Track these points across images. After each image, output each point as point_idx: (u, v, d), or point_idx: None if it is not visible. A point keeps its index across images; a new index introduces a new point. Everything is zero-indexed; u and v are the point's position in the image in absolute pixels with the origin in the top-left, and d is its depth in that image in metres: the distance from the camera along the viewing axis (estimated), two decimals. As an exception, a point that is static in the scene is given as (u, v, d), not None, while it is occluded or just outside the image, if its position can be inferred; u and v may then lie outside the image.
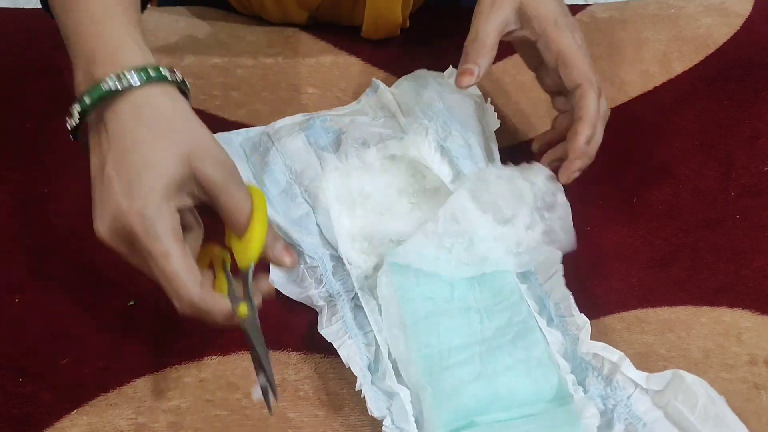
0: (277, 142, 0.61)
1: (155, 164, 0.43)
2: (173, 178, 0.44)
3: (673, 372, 0.48)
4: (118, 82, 0.44)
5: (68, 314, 0.56)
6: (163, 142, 0.44)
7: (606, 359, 0.49)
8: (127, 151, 0.44)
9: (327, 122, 0.62)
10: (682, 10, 0.77)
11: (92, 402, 0.52)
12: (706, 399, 0.46)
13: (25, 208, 0.62)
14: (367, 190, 0.59)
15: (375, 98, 0.65)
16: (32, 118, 0.68)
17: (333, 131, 0.61)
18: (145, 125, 0.44)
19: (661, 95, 0.70)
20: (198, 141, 0.45)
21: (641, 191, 0.62)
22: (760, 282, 0.57)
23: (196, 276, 0.43)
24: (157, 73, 0.45)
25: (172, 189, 0.44)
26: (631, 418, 0.47)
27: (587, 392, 0.49)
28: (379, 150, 0.60)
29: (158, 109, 0.45)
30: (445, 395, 0.48)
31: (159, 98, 0.45)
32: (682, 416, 0.46)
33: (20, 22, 0.77)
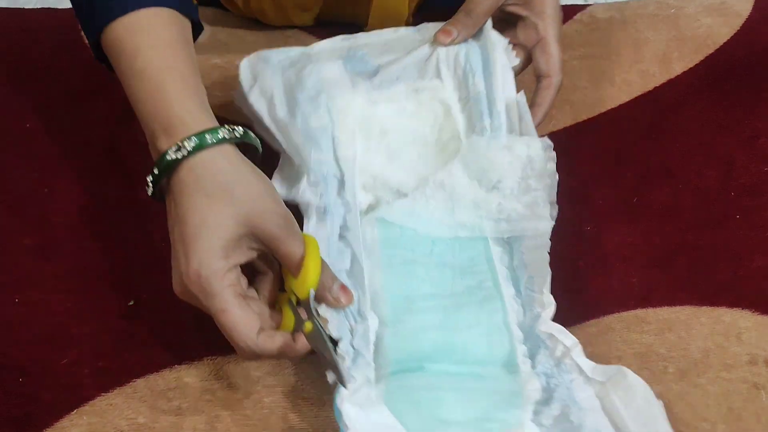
0: (315, 62, 0.62)
1: (211, 226, 0.47)
2: (230, 238, 0.47)
3: (618, 368, 0.48)
4: (177, 152, 0.47)
5: (68, 314, 0.56)
6: (219, 206, 0.47)
7: (561, 342, 0.51)
8: (187, 216, 0.47)
9: (367, 56, 0.63)
10: (682, 10, 0.77)
11: (92, 402, 0.52)
12: (643, 400, 0.47)
13: (25, 208, 0.62)
14: (386, 127, 0.61)
15: (418, 34, 0.65)
16: (32, 118, 0.68)
17: (371, 64, 0.62)
18: (202, 190, 0.47)
19: (661, 95, 0.70)
20: (255, 199, 0.48)
21: (641, 191, 0.62)
22: (760, 282, 0.57)
23: (252, 326, 0.46)
24: (213, 137, 0.48)
25: (230, 247, 0.47)
26: (569, 401, 0.48)
27: (535, 368, 0.50)
28: (408, 87, 0.61)
29: (215, 174, 0.48)
30: (405, 336, 0.50)
31: (217, 162, 0.48)
32: (616, 410, 0.47)
33: (20, 22, 0.77)
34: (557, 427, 0.47)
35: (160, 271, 0.58)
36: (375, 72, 0.62)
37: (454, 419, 0.46)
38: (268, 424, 0.51)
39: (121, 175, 0.64)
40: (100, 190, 0.63)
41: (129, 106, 0.69)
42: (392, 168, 0.60)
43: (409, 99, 0.62)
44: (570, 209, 0.60)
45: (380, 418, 0.45)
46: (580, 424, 0.46)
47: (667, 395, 0.51)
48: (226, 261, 0.47)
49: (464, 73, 0.62)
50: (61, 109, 0.69)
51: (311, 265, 0.48)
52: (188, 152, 0.47)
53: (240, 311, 0.46)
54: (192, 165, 0.47)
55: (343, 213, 0.55)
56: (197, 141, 0.47)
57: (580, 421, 0.46)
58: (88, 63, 0.72)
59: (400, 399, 0.47)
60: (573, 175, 0.63)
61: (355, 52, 0.63)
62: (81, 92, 0.70)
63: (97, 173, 0.64)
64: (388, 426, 0.45)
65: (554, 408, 0.48)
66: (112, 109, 0.69)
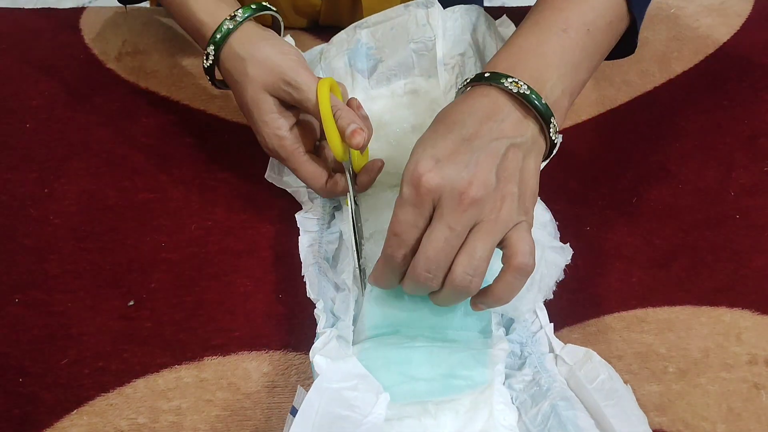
0: (324, 62, 0.66)
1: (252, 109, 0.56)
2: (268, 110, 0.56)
3: (586, 351, 0.50)
4: (206, 60, 0.58)
5: (68, 314, 0.56)
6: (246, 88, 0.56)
7: (538, 318, 0.53)
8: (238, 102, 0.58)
9: (372, 50, 0.66)
10: (682, 10, 0.77)
11: (92, 402, 0.52)
12: (606, 376, 0.48)
13: (25, 208, 0.62)
14: (385, 119, 0.64)
15: (422, 13, 0.66)
16: (32, 118, 0.68)
17: (373, 59, 0.66)
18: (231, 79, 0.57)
19: (661, 95, 0.70)
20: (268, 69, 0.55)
21: (641, 191, 0.62)
22: (760, 282, 0.57)
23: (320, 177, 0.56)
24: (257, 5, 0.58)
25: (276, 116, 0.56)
26: (540, 368, 0.50)
27: (509, 334, 0.52)
28: (407, 84, 0.65)
29: (234, 61, 0.56)
30: (382, 301, 0.52)
31: (232, 51, 0.56)
32: (581, 386, 0.48)
33: (20, 22, 0.77)
34: (527, 391, 0.49)
35: (160, 271, 0.58)
36: (374, 68, 0.65)
37: (421, 376, 0.48)
38: (268, 424, 0.51)
39: (121, 175, 0.64)
40: (100, 190, 0.63)
41: (129, 106, 0.69)
42: (392, 153, 0.62)
43: (406, 95, 0.65)
44: (570, 209, 0.60)
45: (350, 368, 0.47)
46: (548, 388, 0.48)
47: (667, 395, 0.51)
48: (280, 130, 0.56)
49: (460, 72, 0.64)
50: (61, 109, 0.69)
51: (331, 138, 0.53)
52: (213, 56, 0.57)
53: (308, 167, 0.56)
54: (222, 58, 0.57)
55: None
56: (213, 43, 0.57)
57: (549, 386, 0.48)
58: (88, 63, 0.73)
59: (372, 356, 0.49)
60: (573, 175, 0.63)
61: (359, 45, 0.65)
62: (81, 92, 0.70)
63: (97, 173, 0.64)
64: (357, 375, 0.46)
65: (526, 373, 0.50)
66: (112, 109, 0.69)
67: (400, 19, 0.65)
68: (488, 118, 0.47)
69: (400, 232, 0.46)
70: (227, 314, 0.56)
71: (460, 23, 0.66)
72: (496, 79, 0.48)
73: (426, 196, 0.44)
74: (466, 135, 0.46)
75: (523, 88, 0.47)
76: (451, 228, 0.44)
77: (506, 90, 0.47)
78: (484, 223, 0.44)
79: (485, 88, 0.48)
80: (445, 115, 0.48)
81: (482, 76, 0.49)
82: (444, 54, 0.65)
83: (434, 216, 0.45)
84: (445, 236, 0.44)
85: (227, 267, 0.58)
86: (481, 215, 0.44)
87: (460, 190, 0.44)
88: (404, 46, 0.65)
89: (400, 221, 0.46)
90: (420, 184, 0.44)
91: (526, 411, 0.48)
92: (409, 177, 0.45)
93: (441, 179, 0.44)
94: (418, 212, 0.45)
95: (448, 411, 0.48)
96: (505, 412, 0.48)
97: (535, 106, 0.47)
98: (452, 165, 0.45)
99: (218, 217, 0.61)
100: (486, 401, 0.48)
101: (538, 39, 0.50)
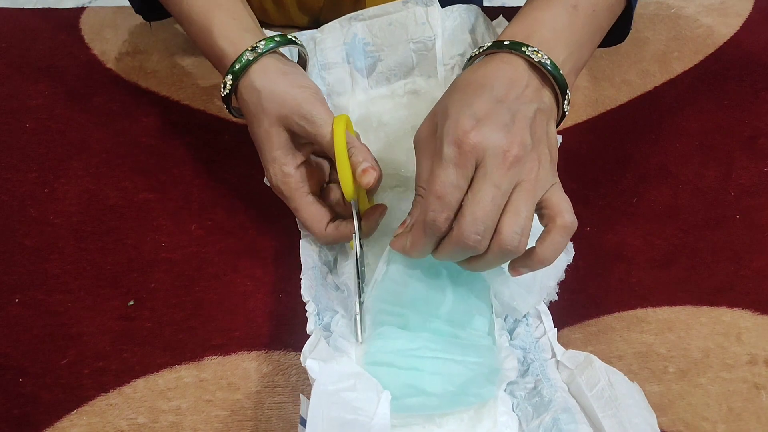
0: (320, 54, 0.65)
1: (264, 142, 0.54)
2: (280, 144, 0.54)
3: (586, 355, 0.50)
4: (223, 89, 0.55)
5: (68, 314, 0.56)
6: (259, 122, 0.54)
7: (542, 324, 0.53)
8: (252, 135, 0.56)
9: (369, 47, 0.65)
10: (682, 10, 0.77)
11: (92, 402, 0.52)
12: (606, 383, 0.48)
13: (25, 208, 0.62)
14: (385, 119, 0.64)
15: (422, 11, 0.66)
16: (32, 118, 0.68)
17: (372, 57, 0.65)
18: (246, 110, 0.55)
19: (661, 95, 0.70)
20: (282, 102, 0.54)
21: (641, 191, 0.62)
22: (760, 282, 0.57)
23: (320, 220, 0.54)
24: (282, 39, 0.56)
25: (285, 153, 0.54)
26: (542, 376, 0.50)
27: (514, 340, 0.52)
28: (407, 84, 0.65)
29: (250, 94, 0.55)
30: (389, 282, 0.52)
31: (250, 83, 0.54)
32: (581, 391, 0.48)
33: (20, 22, 0.77)
34: (529, 400, 0.49)
35: (160, 271, 0.58)
36: (373, 67, 0.65)
37: (432, 390, 0.48)
38: (268, 424, 0.51)
39: (121, 175, 0.64)
40: (100, 190, 0.63)
41: (129, 106, 0.69)
42: (392, 151, 0.62)
43: (406, 95, 0.65)
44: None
45: (344, 368, 0.46)
46: (550, 399, 0.48)
47: (667, 395, 0.51)
48: (287, 167, 0.54)
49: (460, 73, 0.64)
50: (61, 109, 0.69)
51: (343, 175, 0.51)
52: (230, 86, 0.55)
53: (310, 208, 0.54)
54: (240, 89, 0.55)
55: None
56: (268, 43, 0.55)
57: (551, 396, 0.48)
58: (88, 63, 0.73)
59: (380, 363, 0.49)
60: (573, 175, 0.63)
61: (355, 41, 0.65)
62: (81, 92, 0.70)
63: (97, 173, 0.64)
64: (353, 374, 0.46)
65: (528, 381, 0.50)
66: (112, 109, 0.69)
67: (399, 16, 0.65)
68: (513, 82, 0.47)
69: (444, 194, 0.44)
70: (227, 314, 0.56)
71: (458, 23, 0.66)
72: (517, 48, 0.48)
73: (470, 155, 0.43)
74: (498, 96, 0.46)
75: (544, 58, 0.48)
76: (497, 186, 0.43)
77: (526, 58, 0.48)
78: (525, 182, 0.44)
79: (506, 55, 0.48)
80: (469, 80, 0.48)
81: (501, 44, 0.49)
82: (443, 54, 0.65)
83: (477, 175, 0.44)
84: (492, 195, 0.43)
85: (227, 267, 0.58)
86: (522, 174, 0.44)
87: (504, 148, 0.43)
88: (403, 45, 0.65)
89: (443, 182, 0.44)
90: (463, 142, 0.43)
91: (528, 421, 0.48)
92: (452, 136, 0.44)
93: (484, 137, 0.43)
94: (461, 172, 0.44)
95: (452, 420, 0.48)
96: (508, 422, 0.48)
97: (553, 76, 0.48)
98: (492, 124, 0.44)
99: (218, 217, 0.61)
100: (490, 410, 0.48)
101: (551, 13, 0.51)
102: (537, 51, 0.48)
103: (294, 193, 0.54)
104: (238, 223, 0.61)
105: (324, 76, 0.65)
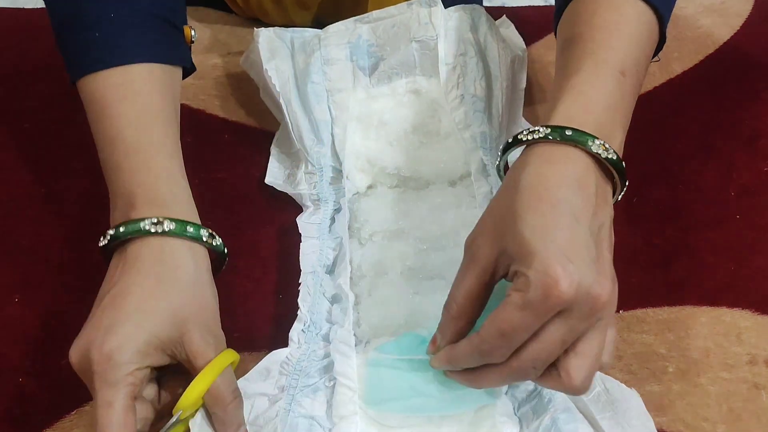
0: (324, 49, 0.65)
1: (147, 316, 0.44)
2: (159, 335, 0.44)
3: None
4: (156, 225, 0.46)
5: (68, 314, 0.56)
6: (166, 300, 0.45)
7: None
8: (129, 291, 0.45)
9: (372, 47, 0.66)
10: (682, 10, 0.77)
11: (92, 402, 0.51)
12: (602, 389, 0.48)
13: (25, 208, 0.62)
14: (385, 118, 0.64)
15: (425, 12, 0.66)
16: (32, 118, 0.68)
17: (375, 56, 0.66)
18: (157, 276, 0.45)
19: (661, 95, 0.69)
20: (200, 309, 0.46)
21: (641, 191, 0.62)
22: (760, 282, 0.57)
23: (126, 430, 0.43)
24: (195, 231, 0.47)
25: (152, 345, 0.44)
26: None
27: None
28: (408, 83, 0.66)
29: (177, 265, 0.46)
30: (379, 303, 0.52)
31: (185, 256, 0.47)
32: (578, 398, 0.48)
33: (20, 22, 0.77)
34: (529, 402, 0.49)
35: (160, 271, 0.58)
36: (375, 66, 0.65)
37: (432, 393, 0.48)
38: (268, 424, 0.51)
39: (121, 175, 0.64)
40: (100, 190, 0.63)
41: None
42: (392, 152, 0.62)
43: (407, 94, 0.65)
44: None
45: None
46: (549, 400, 0.48)
47: (667, 395, 0.51)
48: (143, 359, 0.44)
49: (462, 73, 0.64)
50: (61, 109, 0.69)
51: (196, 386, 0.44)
52: (164, 232, 0.46)
53: (123, 413, 0.42)
54: (161, 245, 0.46)
55: (335, 198, 0.59)
56: (179, 227, 0.46)
57: (550, 397, 0.48)
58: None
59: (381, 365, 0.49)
60: (573, 175, 0.63)
61: (360, 42, 0.65)
62: (81, 92, 0.70)
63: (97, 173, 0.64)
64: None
65: (528, 383, 0.49)
66: (112, 109, 0.69)
67: (402, 17, 0.65)
68: (583, 188, 0.42)
69: (510, 335, 0.40)
70: (227, 314, 0.56)
71: (461, 23, 0.66)
72: (582, 141, 0.43)
73: (558, 307, 0.39)
74: (576, 213, 0.41)
75: (611, 153, 0.44)
76: (573, 330, 0.40)
77: (592, 154, 0.43)
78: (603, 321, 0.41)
79: (570, 149, 0.43)
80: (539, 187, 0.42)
81: (563, 133, 0.43)
82: (445, 54, 0.65)
83: (558, 317, 0.40)
84: (563, 339, 0.40)
85: (227, 267, 0.58)
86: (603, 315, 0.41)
87: (596, 297, 0.39)
88: (406, 44, 0.65)
89: (514, 325, 0.40)
90: (553, 293, 0.38)
91: (528, 423, 0.48)
92: (540, 283, 0.39)
93: (577, 288, 0.39)
94: (540, 320, 0.39)
95: (451, 421, 0.48)
96: (507, 424, 0.47)
97: (619, 171, 0.44)
98: (581, 263, 0.39)
99: (218, 217, 0.61)
100: (489, 413, 0.48)
101: (602, 87, 0.46)
102: (603, 144, 0.43)
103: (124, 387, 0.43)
104: (237, 223, 0.61)
105: (326, 71, 0.64)
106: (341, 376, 0.49)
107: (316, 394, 0.49)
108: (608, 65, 0.47)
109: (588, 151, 0.43)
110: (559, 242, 0.39)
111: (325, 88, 0.64)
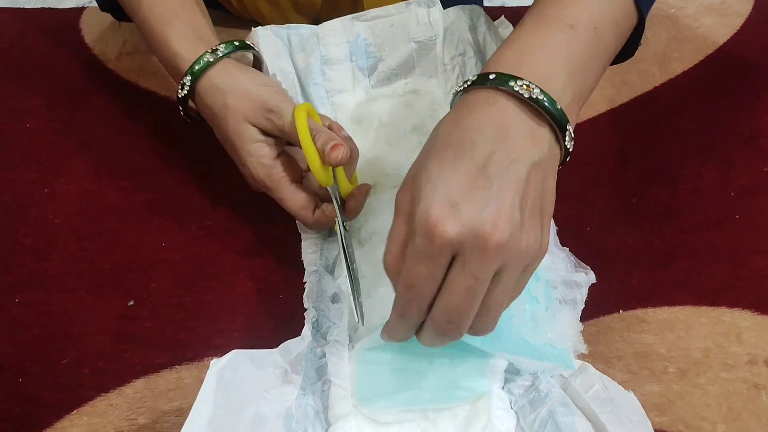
0: (323, 48, 0.65)
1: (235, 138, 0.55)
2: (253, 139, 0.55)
3: (582, 363, 0.50)
4: (182, 90, 0.57)
5: (68, 314, 0.56)
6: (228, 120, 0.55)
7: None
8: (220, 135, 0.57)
9: (371, 47, 0.66)
10: (682, 10, 0.77)
11: (92, 402, 0.52)
12: (601, 387, 0.48)
13: (25, 208, 0.62)
14: (385, 119, 0.64)
15: (424, 12, 0.66)
16: (32, 118, 0.68)
17: (374, 57, 0.66)
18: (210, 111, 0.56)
19: (661, 95, 0.69)
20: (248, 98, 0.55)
21: (641, 191, 0.62)
22: (760, 282, 0.57)
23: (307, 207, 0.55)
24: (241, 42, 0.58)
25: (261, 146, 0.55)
26: (539, 373, 0.50)
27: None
28: (407, 84, 0.66)
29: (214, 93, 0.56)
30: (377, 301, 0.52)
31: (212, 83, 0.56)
32: (577, 394, 0.48)
33: (20, 22, 0.77)
34: (526, 396, 0.49)
35: (160, 271, 0.58)
36: (374, 67, 0.65)
37: (424, 386, 0.48)
38: (268, 424, 0.51)
39: (121, 175, 0.64)
40: (100, 190, 0.63)
41: (129, 106, 0.69)
42: (391, 151, 0.62)
43: (407, 95, 0.65)
44: (570, 209, 0.60)
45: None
46: (547, 394, 0.48)
47: (667, 395, 0.51)
48: (265, 159, 0.54)
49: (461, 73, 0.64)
50: (61, 109, 0.69)
51: (311, 161, 0.52)
52: (189, 86, 0.56)
53: (295, 196, 0.55)
54: (199, 90, 0.56)
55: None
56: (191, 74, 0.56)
57: (548, 391, 0.48)
58: (88, 63, 0.73)
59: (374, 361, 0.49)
60: (573, 175, 0.63)
61: (358, 41, 0.65)
62: (81, 92, 0.70)
63: (97, 173, 0.64)
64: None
65: (525, 378, 0.50)
66: (112, 109, 0.69)
67: (401, 17, 0.65)
68: (500, 134, 0.40)
69: (414, 285, 0.40)
70: (227, 314, 0.56)
71: (460, 23, 0.66)
72: (503, 82, 0.42)
73: (444, 249, 0.39)
74: (479, 160, 0.40)
75: (536, 92, 0.41)
76: (475, 277, 0.39)
77: (515, 94, 0.41)
78: (509, 269, 0.40)
79: (490, 93, 0.42)
80: (449, 133, 0.42)
81: (486, 78, 0.42)
82: (444, 54, 0.65)
83: (454, 264, 0.39)
84: (466, 286, 0.39)
85: (227, 267, 0.58)
86: (507, 258, 0.39)
87: (485, 236, 0.38)
88: (405, 45, 0.65)
89: (413, 274, 0.40)
90: (435, 234, 0.38)
91: (525, 416, 0.48)
92: (423, 226, 0.39)
93: (461, 227, 0.38)
94: (435, 264, 0.39)
95: (447, 416, 0.48)
96: (503, 418, 0.48)
97: (549, 112, 0.41)
98: (471, 205, 0.38)
99: (218, 217, 0.61)
100: (484, 407, 0.48)
101: (543, 35, 0.45)
102: (527, 84, 0.41)
103: (277, 183, 0.55)
104: (238, 223, 0.61)
105: (325, 71, 0.65)
106: (334, 376, 0.49)
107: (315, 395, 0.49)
108: (552, 18, 0.46)
109: (511, 92, 0.41)
110: (449, 185, 0.39)
111: (325, 89, 0.64)
